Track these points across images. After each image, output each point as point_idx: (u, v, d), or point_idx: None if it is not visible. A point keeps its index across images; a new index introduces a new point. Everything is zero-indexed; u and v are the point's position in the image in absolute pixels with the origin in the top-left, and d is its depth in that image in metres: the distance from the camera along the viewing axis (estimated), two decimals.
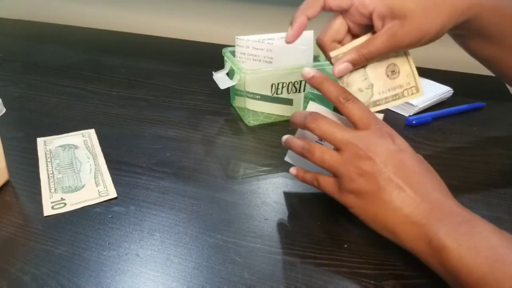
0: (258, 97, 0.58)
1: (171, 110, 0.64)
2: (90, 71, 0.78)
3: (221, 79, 0.59)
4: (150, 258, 0.38)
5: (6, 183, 0.47)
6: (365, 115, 0.39)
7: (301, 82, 0.58)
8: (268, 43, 0.59)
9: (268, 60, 0.59)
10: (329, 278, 0.36)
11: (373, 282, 0.36)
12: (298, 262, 0.37)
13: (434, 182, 0.37)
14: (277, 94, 0.58)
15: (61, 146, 0.54)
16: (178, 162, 0.51)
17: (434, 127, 0.61)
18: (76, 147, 0.54)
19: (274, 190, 0.47)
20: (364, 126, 0.39)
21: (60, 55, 0.87)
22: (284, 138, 0.44)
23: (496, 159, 0.53)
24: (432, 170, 0.38)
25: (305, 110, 0.42)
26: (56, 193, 0.45)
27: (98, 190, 0.46)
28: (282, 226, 0.42)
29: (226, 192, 0.46)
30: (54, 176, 0.48)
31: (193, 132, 0.58)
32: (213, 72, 0.60)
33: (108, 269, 0.36)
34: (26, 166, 0.50)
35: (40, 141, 0.55)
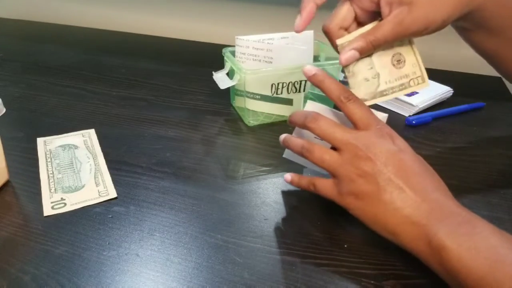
0: (258, 97, 0.58)
1: (171, 110, 0.64)
2: (90, 71, 0.78)
3: (221, 79, 0.59)
4: (150, 258, 0.38)
5: (6, 183, 0.47)
6: (365, 115, 0.39)
7: (301, 82, 0.58)
8: (268, 43, 0.59)
9: (268, 60, 0.59)
10: (329, 278, 0.36)
11: (373, 282, 0.36)
12: (298, 262, 0.37)
13: (434, 183, 0.37)
14: (277, 94, 0.58)
15: (61, 146, 0.54)
16: (178, 162, 0.51)
17: (434, 127, 0.61)
18: (76, 147, 0.54)
19: (274, 190, 0.47)
20: (364, 127, 0.39)
21: (60, 55, 0.87)
22: (282, 137, 0.44)
23: (496, 159, 0.53)
24: (432, 170, 0.38)
25: (304, 110, 0.42)
26: (56, 193, 0.45)
27: (98, 190, 0.46)
28: (282, 226, 0.42)
29: (226, 192, 0.46)
30: (54, 176, 0.48)
31: (193, 132, 0.58)
32: (213, 72, 0.60)
33: (108, 269, 0.36)
34: (26, 166, 0.50)
35: (40, 141, 0.55)
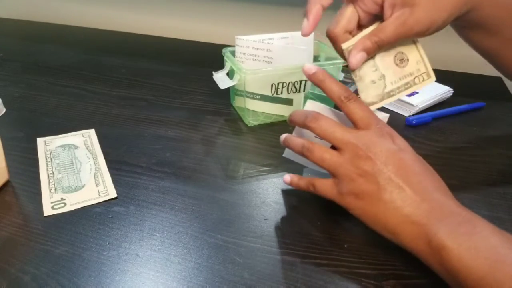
0: (258, 97, 0.58)
1: (171, 110, 0.64)
2: (90, 71, 0.78)
3: (221, 79, 0.59)
4: (150, 258, 0.38)
5: (6, 183, 0.47)
6: (366, 115, 0.39)
7: (301, 82, 0.58)
8: (268, 43, 0.59)
9: (268, 60, 0.59)
10: (329, 278, 0.36)
11: (373, 282, 0.36)
12: (298, 262, 0.37)
13: (434, 182, 0.37)
14: (277, 94, 0.58)
15: (61, 146, 0.54)
16: (178, 162, 0.51)
17: (434, 127, 0.61)
18: (76, 147, 0.54)
19: (274, 190, 0.47)
20: (364, 126, 0.39)
21: (60, 55, 0.87)
22: (282, 137, 0.44)
23: (496, 159, 0.53)
24: (432, 170, 0.38)
25: (304, 109, 0.42)
26: (56, 193, 0.45)
27: (98, 190, 0.46)
28: (282, 226, 0.42)
29: (226, 192, 0.46)
30: (54, 176, 0.48)
31: (193, 132, 0.58)
32: (213, 72, 0.60)
33: (108, 269, 0.36)
34: (26, 166, 0.50)
35: (40, 141, 0.55)
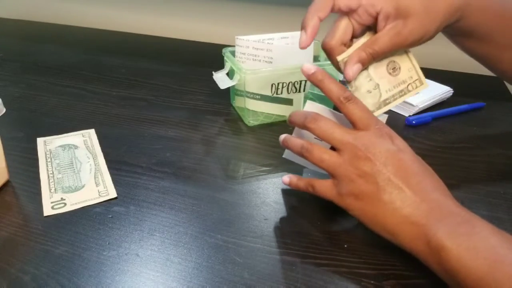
0: (258, 97, 0.58)
1: (171, 110, 0.64)
2: (90, 71, 0.78)
3: (221, 79, 0.59)
4: (150, 258, 0.38)
5: (6, 183, 0.47)
6: (365, 116, 0.39)
7: (301, 82, 0.58)
8: (268, 43, 0.59)
9: (268, 60, 0.59)
10: (329, 278, 0.36)
11: (373, 282, 0.36)
12: (298, 262, 0.37)
13: (434, 183, 0.37)
14: (277, 94, 0.58)
15: (61, 146, 0.54)
16: (178, 162, 0.51)
17: (434, 127, 0.61)
18: (76, 147, 0.54)
19: (274, 190, 0.47)
20: (364, 127, 0.39)
21: (60, 55, 0.87)
22: (281, 137, 0.44)
23: (496, 159, 0.53)
24: (431, 170, 0.38)
25: (303, 110, 0.42)
26: (56, 193, 0.45)
27: (98, 190, 0.46)
28: (282, 226, 0.42)
29: (226, 192, 0.46)
30: (54, 176, 0.48)
31: (193, 132, 0.58)
32: (213, 72, 0.60)
33: (108, 269, 0.36)
34: (26, 166, 0.50)
35: (40, 141, 0.55)
